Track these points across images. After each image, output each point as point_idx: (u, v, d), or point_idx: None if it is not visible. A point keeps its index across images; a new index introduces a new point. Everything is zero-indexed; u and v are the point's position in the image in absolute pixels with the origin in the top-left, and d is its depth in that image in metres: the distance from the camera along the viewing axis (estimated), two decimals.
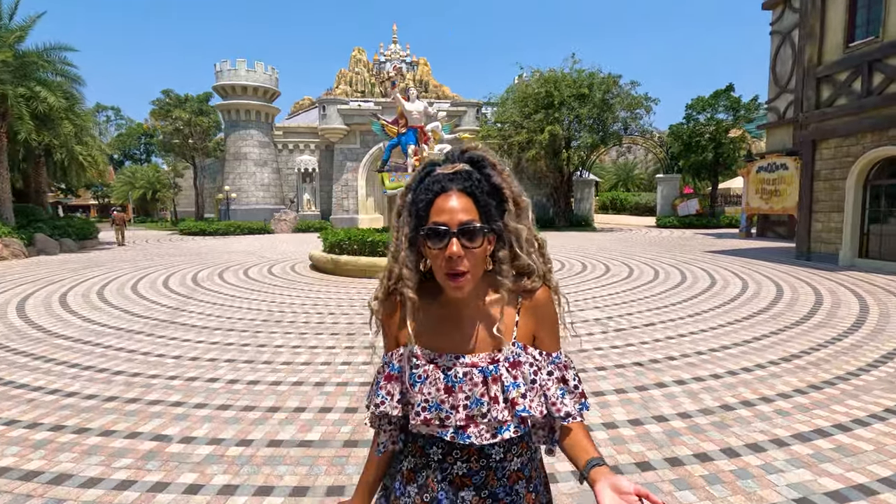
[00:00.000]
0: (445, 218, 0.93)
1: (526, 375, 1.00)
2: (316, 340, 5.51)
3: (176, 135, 29.79)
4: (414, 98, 11.69)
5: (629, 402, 3.74)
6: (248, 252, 16.44)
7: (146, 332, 5.95)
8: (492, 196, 0.97)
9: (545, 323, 1.05)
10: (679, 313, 6.61)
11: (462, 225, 0.92)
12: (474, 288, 0.98)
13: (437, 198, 0.95)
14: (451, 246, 0.91)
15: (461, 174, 0.97)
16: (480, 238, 0.93)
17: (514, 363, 0.99)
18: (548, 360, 1.04)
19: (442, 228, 0.92)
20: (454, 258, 0.91)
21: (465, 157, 1.02)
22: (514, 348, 1.00)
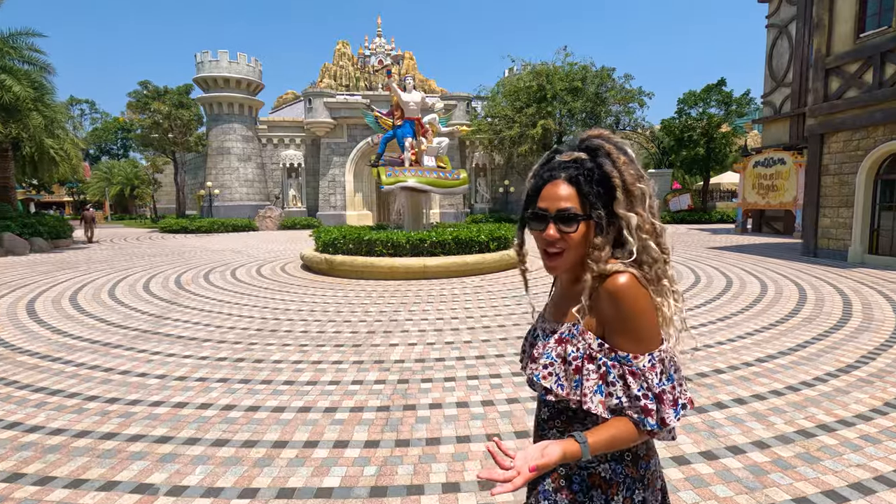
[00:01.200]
0: (547, 204, 1.02)
1: (564, 353, 1.04)
2: (319, 354, 4.93)
3: (155, 129, 28.61)
4: (411, 88, 11.07)
5: (693, 427, 3.25)
6: (234, 251, 15.67)
7: (125, 345, 5.29)
8: (600, 184, 1.01)
9: (606, 316, 1.00)
10: (707, 317, 6.17)
11: (560, 211, 1.00)
12: (577, 267, 1.05)
13: (546, 185, 1.04)
14: (548, 229, 1.01)
15: (574, 162, 1.02)
16: (575, 224, 1.00)
17: (560, 339, 1.06)
18: (608, 354, 1.00)
19: (541, 213, 1.03)
20: (549, 240, 1.02)
21: (583, 144, 1.06)
22: (570, 328, 1.06)
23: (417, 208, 11.72)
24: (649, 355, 0.96)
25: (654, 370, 0.96)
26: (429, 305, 7.09)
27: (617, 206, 1.00)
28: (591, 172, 1.01)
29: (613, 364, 0.98)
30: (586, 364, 1.00)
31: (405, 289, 8.39)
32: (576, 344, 1.02)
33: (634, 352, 0.97)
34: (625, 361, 0.97)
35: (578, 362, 1.01)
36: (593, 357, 1.00)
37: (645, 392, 0.96)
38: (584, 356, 1.01)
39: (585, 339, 1.02)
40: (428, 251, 9.57)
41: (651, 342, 0.98)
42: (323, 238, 10.36)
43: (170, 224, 26.32)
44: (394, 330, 5.78)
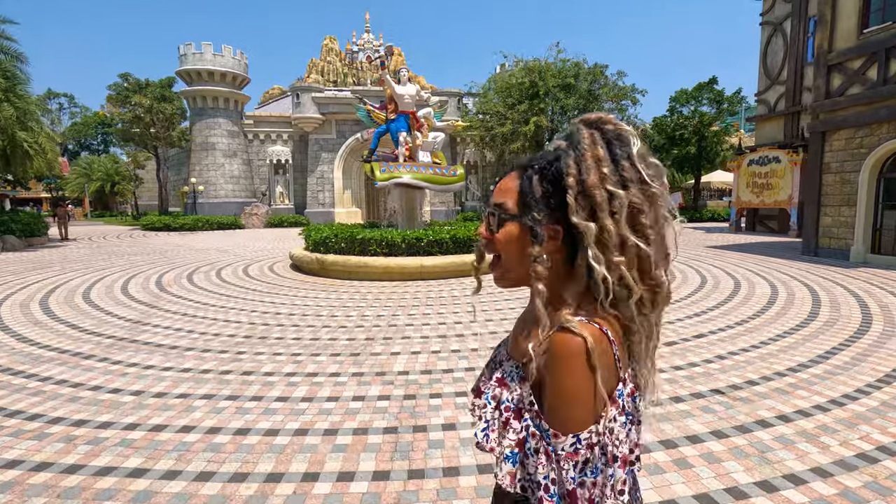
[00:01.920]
0: (493, 197, 0.86)
1: (500, 399, 0.87)
2: (314, 364, 4.49)
3: (136, 123, 27.67)
4: (405, 81, 10.63)
5: (741, 452, 2.90)
6: (219, 250, 15.07)
7: (98, 355, 4.80)
8: (552, 181, 0.79)
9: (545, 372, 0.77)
10: (723, 321, 5.86)
11: (493, 206, 0.85)
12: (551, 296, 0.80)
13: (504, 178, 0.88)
14: (482, 224, 0.88)
15: (546, 154, 0.83)
16: (500, 224, 0.83)
17: (500, 379, 0.89)
18: (535, 418, 0.79)
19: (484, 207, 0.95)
20: (483, 240, 0.87)
21: (568, 131, 0.83)
22: (513, 368, 0.87)
23: (412, 205, 11.29)
24: (574, 437, 0.74)
25: (574, 458, 0.74)
26: (429, 308, 6.69)
27: (570, 213, 0.77)
28: (549, 165, 0.81)
29: (534, 433, 0.79)
30: (512, 420, 0.84)
31: (402, 290, 7.97)
32: (512, 391, 0.86)
33: (556, 428, 0.75)
34: (544, 436, 0.77)
35: (509, 414, 0.84)
36: (521, 413, 0.83)
37: (548, 483, 0.75)
38: (514, 409, 0.84)
39: (522, 389, 0.84)
40: (425, 251, 9.15)
41: (579, 421, 0.74)
42: (313, 237, 9.89)
43: (152, 221, 25.49)
44: (394, 336, 5.37)
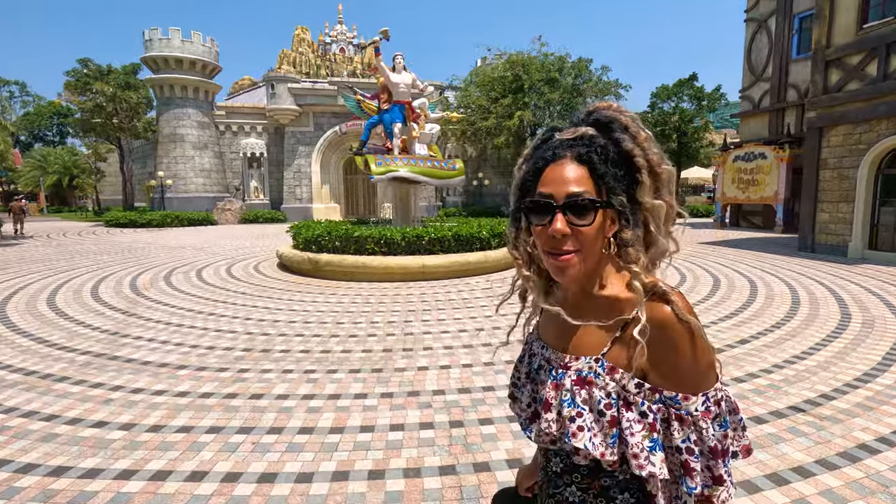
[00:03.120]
0: (552, 189, 0.79)
1: (592, 400, 0.79)
2: (333, 384, 3.91)
3: (97, 112, 25.90)
4: (401, 68, 10.00)
5: (863, 488, 2.50)
6: (195, 248, 14.11)
7: (73, 376, 4.08)
8: (618, 165, 0.79)
9: (654, 349, 0.75)
10: (759, 325, 5.55)
11: (570, 197, 0.77)
12: (593, 274, 0.83)
13: (548, 166, 0.81)
14: (555, 222, 0.78)
15: (583, 139, 0.80)
16: (592, 214, 0.78)
17: (580, 379, 0.80)
18: (650, 396, 0.77)
19: (545, 201, 0.79)
20: (557, 237, 0.78)
21: (590, 118, 0.84)
22: (591, 364, 0.81)
23: (406, 201, 10.71)
24: (703, 396, 0.75)
25: (709, 415, 0.75)
26: (441, 313, 6.16)
27: (642, 193, 0.79)
28: (606, 150, 0.79)
29: (658, 408, 0.76)
30: (624, 412, 0.77)
31: (406, 292, 7.41)
32: (603, 386, 0.78)
33: (684, 391, 0.75)
34: (672, 403, 0.75)
35: (614, 411, 0.77)
36: (630, 403, 0.77)
37: (689, 445, 0.74)
38: (619, 403, 0.77)
39: (616, 378, 0.78)
40: (426, 249, 8.60)
41: (706, 379, 0.76)
42: (304, 234, 9.19)
43: (116, 217, 23.97)
44: (414, 347, 4.82)
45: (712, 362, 0.77)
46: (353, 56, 51.36)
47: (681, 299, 0.77)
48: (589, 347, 0.82)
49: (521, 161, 0.89)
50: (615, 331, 0.80)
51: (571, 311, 0.86)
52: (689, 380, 0.76)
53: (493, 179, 31.23)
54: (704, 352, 0.76)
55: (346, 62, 50.09)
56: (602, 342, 0.81)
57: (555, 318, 0.89)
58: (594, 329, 0.82)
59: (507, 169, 29.66)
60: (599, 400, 0.78)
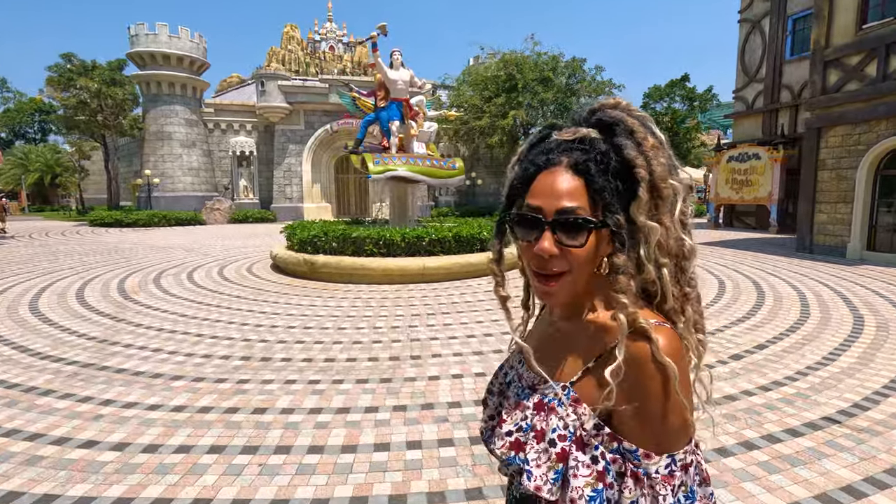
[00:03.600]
0: (541, 202, 0.70)
1: (547, 427, 0.71)
2: (341, 396, 3.68)
3: (82, 109, 25.28)
4: (398, 65, 9.75)
5: None
6: (184, 248, 13.72)
7: (59, 389, 3.80)
8: (619, 176, 0.69)
9: (622, 389, 0.66)
10: (773, 329, 5.42)
11: (561, 213, 0.68)
12: (581, 295, 0.75)
13: (539, 173, 0.71)
14: (542, 240, 0.69)
15: (582, 143, 0.71)
16: (584, 234, 0.68)
17: (540, 403, 0.74)
18: (608, 443, 0.69)
19: (532, 216, 0.71)
20: (544, 256, 0.69)
21: (594, 117, 0.74)
22: (558, 391, 0.73)
23: (404, 201, 10.47)
24: (669, 458, 0.65)
25: (671, 481, 0.65)
26: (447, 318, 5.95)
27: (636, 211, 0.68)
28: (606, 157, 0.69)
29: (614, 458, 0.68)
30: (575, 452, 0.69)
31: (407, 295, 7.18)
32: (563, 416, 0.71)
33: (647, 448, 0.66)
34: (630, 457, 0.67)
35: (565, 445, 0.69)
36: (585, 444, 0.69)
37: None
38: (572, 439, 0.69)
39: (578, 412, 0.70)
40: (426, 250, 8.38)
41: (676, 439, 0.66)
42: (299, 235, 8.92)
43: (101, 217, 23.37)
44: (422, 354, 4.61)
45: (686, 419, 0.67)
46: (342, 54, 50.99)
47: (666, 338, 0.67)
48: (561, 372, 0.76)
49: (513, 160, 0.80)
50: (590, 360, 0.73)
51: (555, 330, 0.82)
52: (655, 432, 0.67)
53: (485, 179, 31.10)
54: (676, 403, 0.66)
55: (336, 60, 49.72)
56: (574, 370, 0.74)
57: (536, 335, 0.86)
58: (570, 354, 0.76)
59: (500, 168, 29.56)
60: (555, 429, 0.71)
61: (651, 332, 0.66)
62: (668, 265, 0.71)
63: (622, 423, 0.69)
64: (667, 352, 0.65)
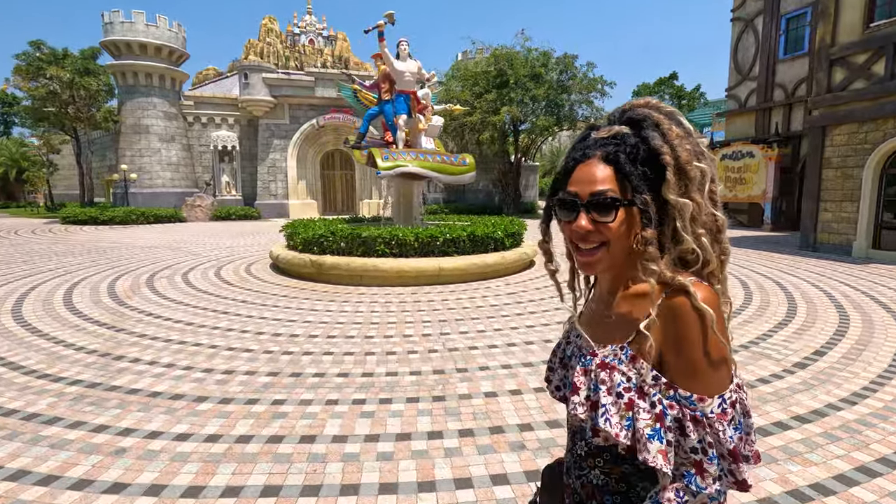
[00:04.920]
0: (578, 188, 0.83)
1: (612, 383, 0.81)
2: (395, 419, 3.28)
3: (51, 100, 23.93)
4: (405, 56, 9.30)
5: None
6: (170, 247, 13.00)
7: (65, 417, 3.29)
8: (647, 163, 0.81)
9: (669, 340, 0.78)
10: (819, 334, 5.23)
11: (594, 196, 0.81)
12: (621, 267, 0.86)
13: (577, 166, 0.85)
14: (579, 219, 0.83)
15: (615, 138, 0.83)
16: (613, 211, 0.80)
17: (603, 364, 0.84)
18: (664, 391, 0.78)
19: (570, 199, 0.84)
20: (581, 233, 0.83)
21: (625, 116, 0.87)
22: (616, 351, 0.84)
23: (410, 198, 10.04)
24: (720, 398, 0.76)
25: (725, 418, 0.75)
26: (477, 323, 5.58)
27: (667, 191, 0.80)
28: (635, 149, 0.81)
29: (671, 404, 0.77)
30: (637, 400, 0.79)
31: (427, 298, 6.78)
32: (624, 371, 0.81)
33: (700, 392, 0.76)
34: (686, 403, 0.76)
35: (631, 395, 0.79)
36: (645, 392, 0.79)
37: (704, 446, 0.75)
38: (636, 389, 0.79)
39: (637, 367, 0.81)
40: (440, 250, 7.99)
41: (723, 381, 0.77)
42: (302, 234, 8.41)
43: (74, 214, 22.18)
44: (468, 366, 4.23)
45: (725, 357, 0.77)
46: (322, 48, 50.01)
47: (703, 291, 0.76)
48: (617, 337, 0.85)
49: (563, 158, 0.92)
50: (641, 322, 0.81)
51: (605, 304, 0.91)
52: (701, 373, 0.76)
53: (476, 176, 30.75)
54: (716, 343, 0.75)
55: (317, 54, 48.78)
56: (628, 332, 0.83)
57: (591, 309, 0.96)
58: (623, 320, 0.85)
59: (490, 165, 29.23)
60: (619, 383, 0.80)
61: (690, 287, 0.76)
62: (705, 235, 0.80)
63: (672, 369, 0.78)
64: (704, 301, 0.75)
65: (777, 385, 3.80)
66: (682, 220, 0.79)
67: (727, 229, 0.85)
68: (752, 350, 4.64)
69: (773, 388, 3.75)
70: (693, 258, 0.81)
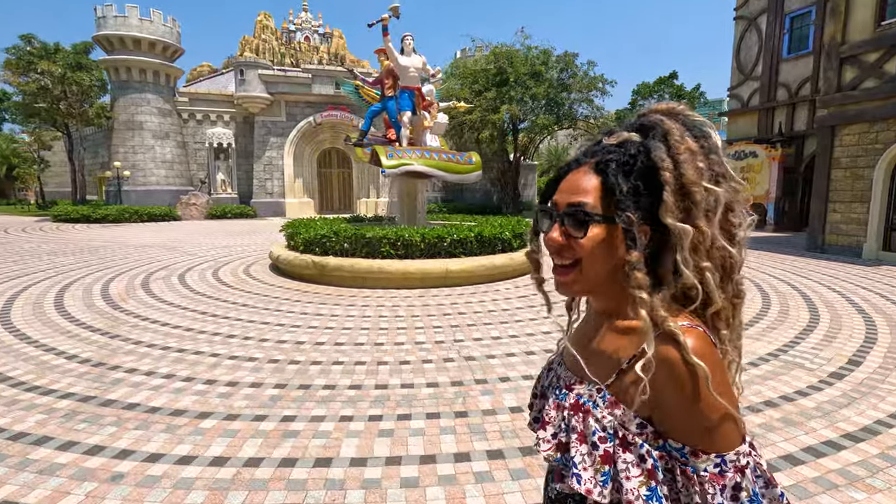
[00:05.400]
0: (559, 197, 0.76)
1: (587, 430, 0.73)
2: (416, 438, 3.02)
3: (42, 95, 23.47)
4: (410, 51, 9.03)
5: None
6: (166, 247, 12.66)
7: (56, 436, 3.02)
8: (643, 177, 0.71)
9: (656, 393, 0.67)
10: (849, 341, 5.02)
11: (570, 207, 0.73)
12: (614, 298, 0.76)
13: (569, 173, 0.77)
14: (551, 231, 0.76)
15: (622, 146, 0.73)
16: (584, 227, 0.72)
17: (577, 405, 0.75)
18: (652, 441, 0.69)
19: (546, 209, 0.78)
20: (554, 246, 0.75)
21: (637, 122, 0.77)
22: (592, 392, 0.74)
23: (413, 197, 9.77)
24: (718, 458, 0.65)
25: (720, 480, 0.64)
26: (490, 329, 5.33)
27: (664, 213, 0.69)
28: (633, 159, 0.71)
29: (661, 455, 0.68)
30: (621, 453, 0.69)
31: (436, 302, 6.53)
32: (600, 418, 0.72)
33: (695, 445, 0.66)
34: (677, 455, 0.67)
35: (608, 447, 0.70)
36: (629, 443, 0.70)
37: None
38: (615, 441, 0.70)
39: (616, 414, 0.71)
40: (447, 251, 7.74)
41: (721, 436, 0.66)
42: (304, 235, 8.12)
43: (66, 212, 21.76)
44: (487, 377, 3.98)
45: (726, 416, 0.65)
46: (318, 45, 49.62)
47: (696, 340, 0.66)
48: (597, 373, 0.76)
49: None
50: (623, 361, 0.73)
51: (592, 331, 0.82)
52: (697, 432, 0.66)
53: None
54: (712, 404, 0.65)
55: (312, 51, 48.41)
56: (610, 371, 0.74)
57: (578, 336, 0.86)
58: (606, 355, 0.76)
59: (489, 164, 28.94)
60: (594, 431, 0.72)
61: (679, 335, 0.66)
62: (710, 269, 0.70)
63: (662, 423, 0.69)
64: (697, 353, 0.65)
65: (818, 398, 3.58)
66: (682, 249, 0.69)
67: None
68: (783, 359, 4.43)
69: (815, 401, 3.53)
70: (695, 294, 0.70)
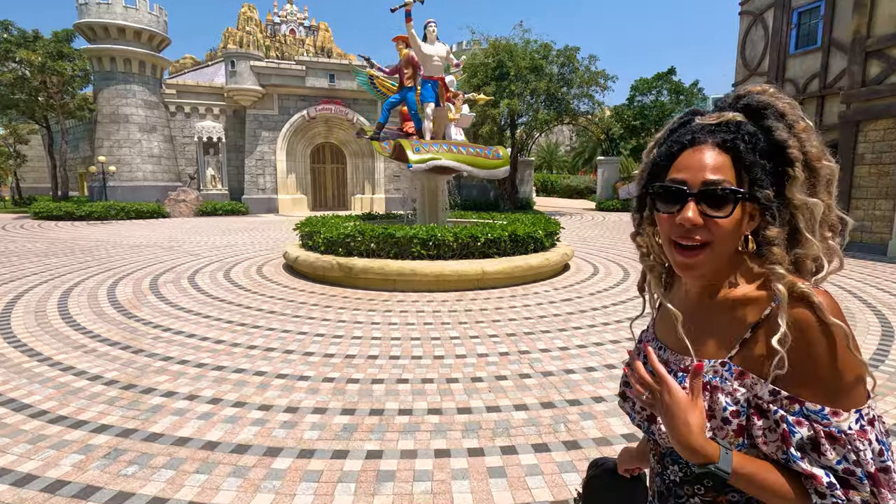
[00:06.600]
0: (686, 175, 0.72)
1: (716, 407, 0.72)
2: (536, 480, 2.57)
3: (20, 86, 22.22)
4: (433, 39, 8.50)
5: None
6: (163, 246, 11.94)
7: (98, 484, 2.48)
8: (768, 156, 0.71)
9: (790, 358, 0.66)
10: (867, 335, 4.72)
11: (706, 185, 0.70)
12: (722, 272, 0.76)
13: (684, 151, 0.74)
14: (685, 210, 0.71)
15: (728, 126, 0.73)
16: (730, 206, 0.70)
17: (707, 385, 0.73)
18: (788, 405, 0.67)
19: (676, 187, 0.72)
20: (686, 227, 0.71)
21: (740, 102, 0.75)
22: (717, 368, 0.73)
23: (435, 195, 9.28)
24: (857, 412, 0.65)
25: (866, 436, 0.64)
26: (552, 338, 4.89)
27: (792, 189, 0.70)
28: (755, 138, 0.71)
29: (798, 420, 0.66)
30: (755, 420, 0.69)
31: (478, 307, 6.07)
32: (730, 392, 0.71)
33: (831, 404, 0.66)
34: (817, 418, 0.65)
35: (741, 420, 0.70)
36: (763, 410, 0.69)
37: (849, 466, 0.63)
38: (748, 412, 0.70)
39: (746, 384, 0.71)
40: (480, 251, 7.28)
41: (857, 395, 0.66)
42: (325, 234, 7.57)
43: (48, 209, 20.66)
44: (580, 399, 3.55)
45: (861, 375, 0.67)
46: (304, 38, 48.38)
47: (826, 300, 0.66)
48: (713, 350, 0.76)
49: (651, 145, 0.82)
50: (744, 332, 0.73)
51: (693, 309, 0.80)
52: (833, 392, 0.66)
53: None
54: (850, 361, 0.66)
55: (298, 44, 47.26)
56: (728, 344, 0.74)
57: (670, 314, 0.82)
58: (719, 330, 0.75)
59: None
60: (725, 407, 0.71)
61: (813, 297, 0.66)
62: (832, 238, 0.73)
63: (798, 385, 0.67)
64: (832, 313, 0.65)
65: None
66: (813, 221, 0.71)
67: None
68: (884, 370, 4.09)
69: None
70: (817, 265, 0.72)
